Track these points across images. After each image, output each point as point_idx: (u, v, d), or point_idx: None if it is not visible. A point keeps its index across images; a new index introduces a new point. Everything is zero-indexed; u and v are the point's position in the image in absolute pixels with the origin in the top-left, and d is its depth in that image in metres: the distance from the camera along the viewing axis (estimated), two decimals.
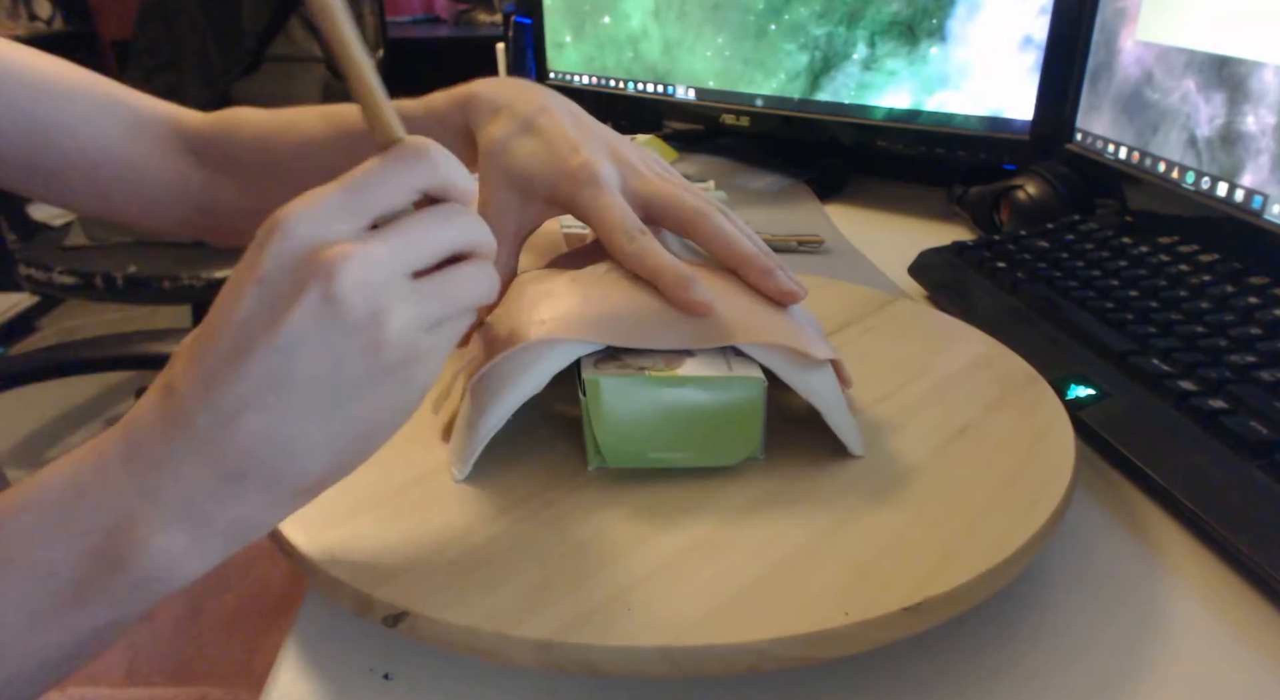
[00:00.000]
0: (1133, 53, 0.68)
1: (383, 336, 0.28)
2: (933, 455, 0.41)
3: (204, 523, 0.29)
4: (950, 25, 0.80)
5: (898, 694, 0.33)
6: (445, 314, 0.30)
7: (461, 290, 0.31)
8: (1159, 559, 0.40)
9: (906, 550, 0.34)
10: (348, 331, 0.28)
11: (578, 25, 1.09)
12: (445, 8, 2.95)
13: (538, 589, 0.32)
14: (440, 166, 0.30)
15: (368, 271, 0.28)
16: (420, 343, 0.29)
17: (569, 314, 0.39)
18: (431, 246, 0.30)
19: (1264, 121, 0.56)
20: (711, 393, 0.38)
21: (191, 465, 0.28)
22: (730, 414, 0.38)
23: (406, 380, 0.29)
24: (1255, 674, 0.34)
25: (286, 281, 0.28)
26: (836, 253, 0.77)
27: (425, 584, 0.33)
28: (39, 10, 2.82)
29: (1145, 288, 0.56)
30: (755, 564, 0.34)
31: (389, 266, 0.29)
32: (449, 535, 0.36)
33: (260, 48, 2.04)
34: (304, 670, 0.34)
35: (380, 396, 0.29)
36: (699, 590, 0.32)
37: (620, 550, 0.35)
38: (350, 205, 0.29)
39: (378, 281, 0.28)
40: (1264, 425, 0.41)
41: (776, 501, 0.37)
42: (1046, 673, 0.34)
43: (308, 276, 0.27)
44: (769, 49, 0.93)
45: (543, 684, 0.33)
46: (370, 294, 0.28)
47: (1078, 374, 0.50)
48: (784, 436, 0.41)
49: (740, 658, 0.30)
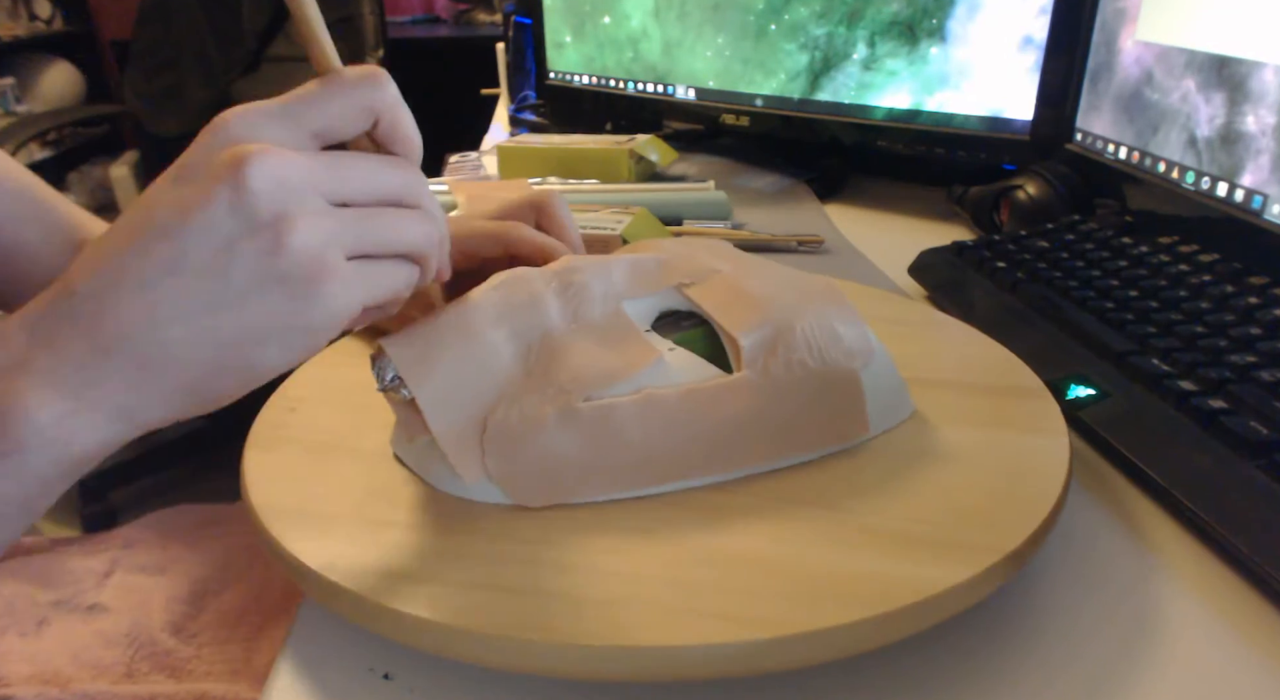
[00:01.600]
0: (1133, 53, 0.68)
1: (284, 242, 0.27)
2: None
3: (77, 395, 0.28)
4: (950, 25, 0.80)
5: (897, 694, 0.33)
6: (365, 246, 0.29)
7: (389, 229, 0.30)
8: (1158, 559, 0.40)
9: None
10: (249, 227, 0.27)
11: (578, 25, 1.09)
12: (445, 8, 2.95)
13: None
14: (388, 90, 0.30)
15: (284, 171, 0.27)
16: (328, 262, 0.28)
17: (798, 280, 0.45)
18: (362, 180, 0.30)
19: (1264, 121, 0.56)
20: None
21: (66, 334, 0.27)
22: None
23: (303, 298, 0.28)
24: (1255, 674, 0.34)
25: (202, 169, 0.27)
26: (836, 253, 0.77)
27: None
28: (39, 10, 2.82)
29: (1145, 288, 0.56)
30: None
31: (309, 177, 0.28)
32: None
33: (260, 48, 2.04)
34: (304, 670, 0.34)
35: (269, 307, 0.28)
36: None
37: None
38: (289, 112, 0.29)
39: (292, 184, 0.27)
40: (1264, 425, 0.41)
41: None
42: (1045, 672, 0.34)
43: (223, 167, 0.27)
44: (769, 49, 0.94)
45: (543, 684, 0.33)
46: (281, 194, 0.27)
47: (1078, 374, 0.50)
48: None
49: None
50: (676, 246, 0.47)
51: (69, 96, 2.82)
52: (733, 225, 0.79)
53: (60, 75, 2.80)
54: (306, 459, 0.40)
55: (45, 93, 2.74)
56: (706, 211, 0.81)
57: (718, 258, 0.46)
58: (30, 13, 2.81)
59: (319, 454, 0.41)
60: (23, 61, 2.72)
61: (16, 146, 1.82)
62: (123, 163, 2.78)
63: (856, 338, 0.42)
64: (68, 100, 2.81)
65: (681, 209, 0.80)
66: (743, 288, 0.43)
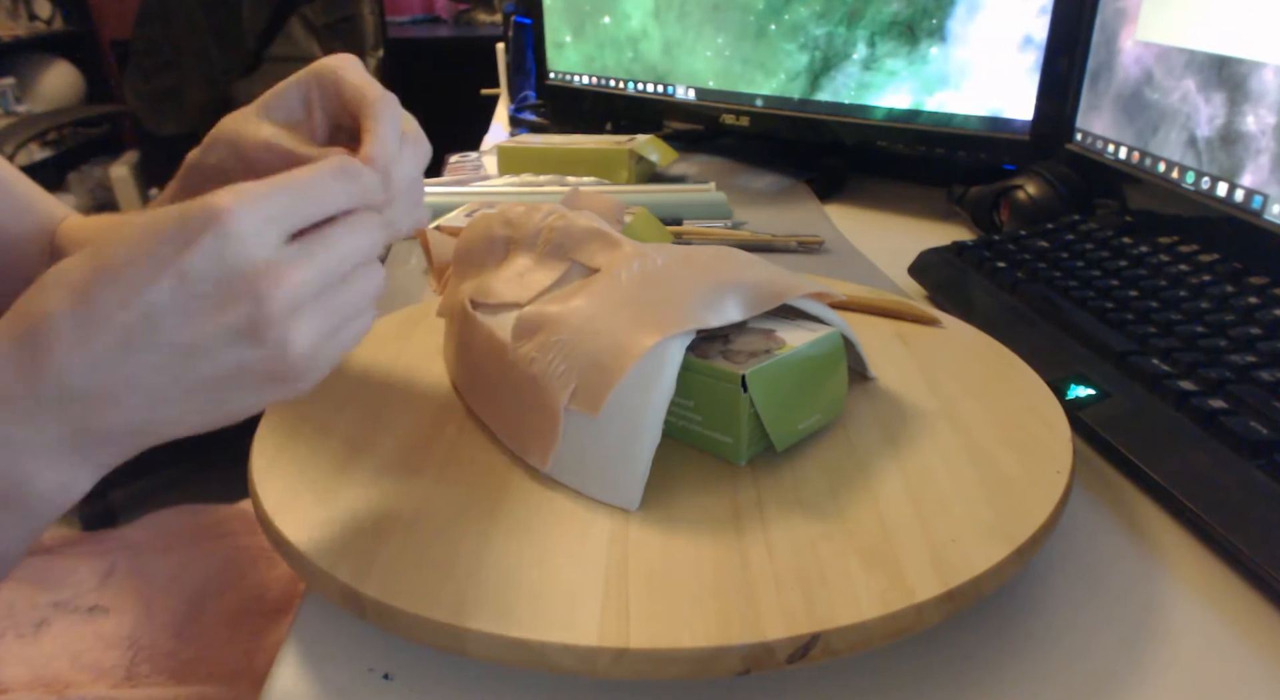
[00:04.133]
0: (1133, 53, 0.68)
1: (288, 354, 0.30)
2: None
3: (74, 467, 0.31)
4: (950, 25, 0.80)
5: (897, 693, 0.33)
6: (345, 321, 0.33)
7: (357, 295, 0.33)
8: (1158, 559, 0.40)
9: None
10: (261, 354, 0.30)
11: (578, 25, 1.09)
12: (445, 8, 2.95)
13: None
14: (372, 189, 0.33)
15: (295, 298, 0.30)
16: (319, 356, 0.32)
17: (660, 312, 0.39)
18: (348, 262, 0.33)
19: (1264, 121, 0.56)
20: (817, 353, 0.41)
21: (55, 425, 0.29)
22: (830, 368, 0.42)
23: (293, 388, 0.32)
24: (1255, 674, 0.34)
25: (212, 289, 0.29)
26: (836, 253, 0.77)
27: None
28: (39, 10, 2.82)
29: (1145, 288, 0.56)
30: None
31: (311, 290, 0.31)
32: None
33: (260, 48, 2.04)
34: (304, 670, 0.34)
35: (262, 397, 0.32)
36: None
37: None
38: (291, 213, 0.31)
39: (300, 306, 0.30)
40: (1264, 425, 0.41)
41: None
42: (1045, 672, 0.34)
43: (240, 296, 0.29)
44: (769, 49, 0.93)
45: (544, 684, 0.33)
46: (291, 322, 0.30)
47: (1078, 374, 0.50)
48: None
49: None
50: None
51: (69, 96, 2.82)
52: (733, 225, 0.79)
53: (60, 75, 2.80)
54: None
55: (45, 93, 2.74)
56: (706, 212, 0.81)
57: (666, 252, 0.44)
58: (30, 13, 2.81)
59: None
60: (23, 61, 2.72)
61: (17, 146, 1.82)
62: (123, 163, 2.78)
63: (630, 393, 0.37)
64: (68, 100, 2.81)
65: (681, 209, 0.80)
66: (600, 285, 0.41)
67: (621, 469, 0.37)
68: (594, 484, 0.38)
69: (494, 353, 0.42)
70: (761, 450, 0.41)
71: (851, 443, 0.42)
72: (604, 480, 0.37)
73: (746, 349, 0.40)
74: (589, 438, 0.38)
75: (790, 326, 0.42)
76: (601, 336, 0.38)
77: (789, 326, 0.42)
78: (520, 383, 0.40)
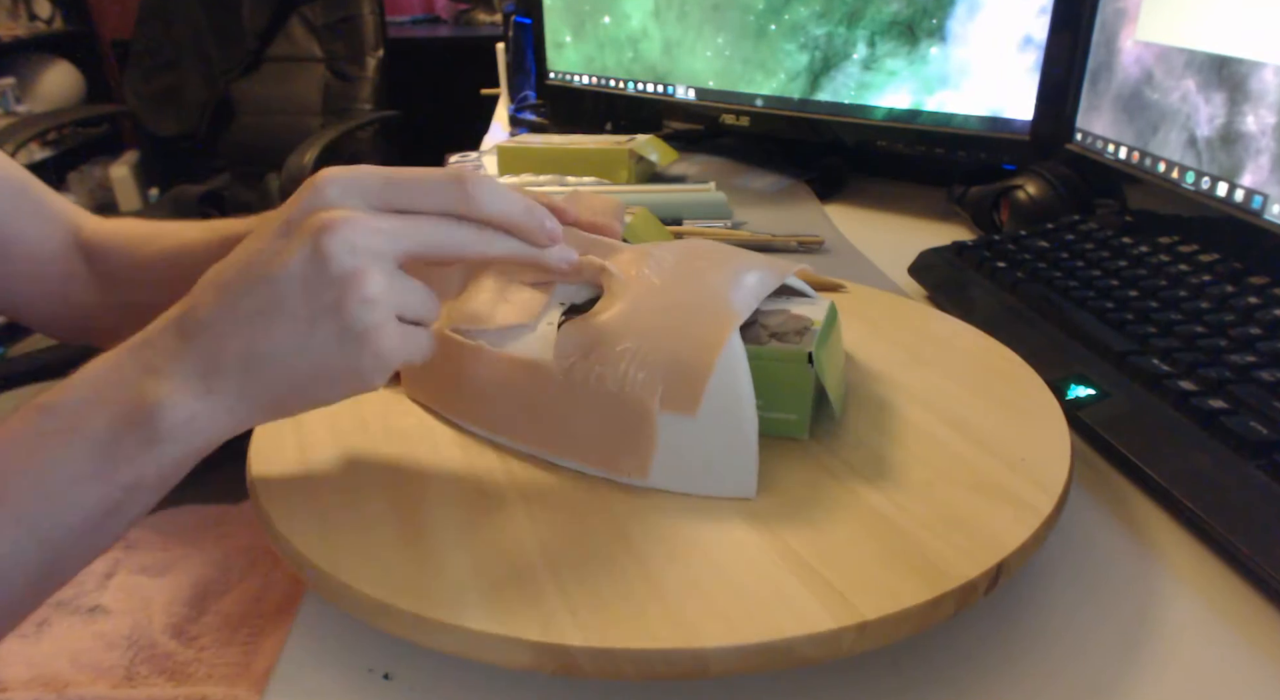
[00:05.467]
0: (1133, 53, 0.68)
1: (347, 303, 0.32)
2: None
3: (199, 399, 0.34)
4: (950, 25, 0.80)
5: (897, 693, 0.33)
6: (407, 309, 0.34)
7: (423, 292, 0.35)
8: (1158, 559, 0.40)
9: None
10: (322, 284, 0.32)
11: (578, 25, 1.09)
12: (445, 8, 2.95)
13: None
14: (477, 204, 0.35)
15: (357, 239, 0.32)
16: (378, 322, 0.33)
17: (711, 305, 0.39)
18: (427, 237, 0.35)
19: (1264, 121, 0.56)
20: (832, 321, 0.44)
21: (192, 357, 0.34)
22: (839, 333, 0.46)
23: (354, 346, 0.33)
24: (1254, 674, 0.34)
25: (297, 228, 0.33)
26: (836, 253, 0.77)
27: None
28: (39, 10, 2.82)
29: (1145, 288, 0.56)
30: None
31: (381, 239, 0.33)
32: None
33: (260, 48, 2.04)
34: (304, 670, 0.34)
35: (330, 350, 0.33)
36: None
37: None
38: (384, 192, 0.34)
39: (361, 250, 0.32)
40: (1264, 425, 0.41)
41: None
42: (1045, 672, 0.34)
43: (311, 228, 0.32)
44: (769, 49, 0.94)
45: (543, 684, 0.33)
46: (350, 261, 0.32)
47: (1078, 374, 0.50)
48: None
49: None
50: None
51: (69, 96, 2.82)
52: (733, 225, 0.79)
53: (60, 75, 2.80)
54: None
55: (45, 93, 2.75)
56: (706, 212, 0.81)
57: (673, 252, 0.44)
58: (30, 13, 2.81)
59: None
60: (23, 61, 2.72)
61: (16, 146, 1.82)
62: (123, 163, 2.79)
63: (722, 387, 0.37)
64: (68, 100, 2.81)
65: (681, 209, 0.80)
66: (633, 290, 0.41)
67: (731, 461, 0.37)
68: (703, 482, 0.38)
69: (532, 377, 0.40)
70: None
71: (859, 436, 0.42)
72: (713, 476, 0.38)
73: (788, 329, 0.42)
74: (688, 438, 0.37)
75: (791, 303, 0.44)
76: (673, 337, 0.38)
77: (790, 303, 0.44)
78: (590, 400, 0.39)
